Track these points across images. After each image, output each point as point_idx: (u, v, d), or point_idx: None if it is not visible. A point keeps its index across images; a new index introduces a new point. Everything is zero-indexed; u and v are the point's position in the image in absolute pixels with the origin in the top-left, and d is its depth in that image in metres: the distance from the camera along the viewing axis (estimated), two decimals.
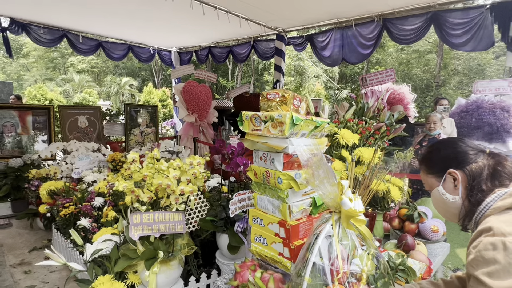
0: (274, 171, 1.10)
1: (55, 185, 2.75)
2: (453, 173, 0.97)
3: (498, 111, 4.05)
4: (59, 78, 20.34)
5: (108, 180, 2.79)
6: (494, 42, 4.46)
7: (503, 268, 0.73)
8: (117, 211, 2.33)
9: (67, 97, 17.61)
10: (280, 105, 1.06)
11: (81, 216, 2.31)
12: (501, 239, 0.76)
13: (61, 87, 18.70)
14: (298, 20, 5.88)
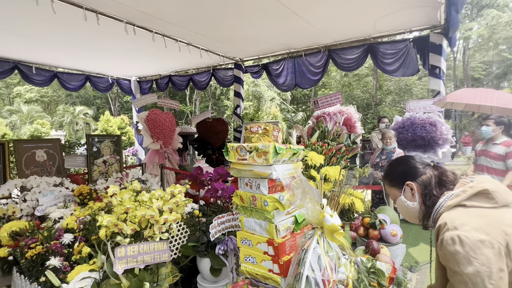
0: (260, 195, 1.18)
1: (17, 225, 2.50)
2: (410, 184, 1.16)
3: (428, 126, 4.60)
4: (4, 110, 18.47)
5: (76, 215, 2.62)
6: (418, 69, 5.14)
7: (463, 257, 0.90)
8: (90, 246, 2.20)
9: (14, 129, 16.00)
10: (263, 136, 1.16)
11: (50, 256, 2.13)
12: (456, 234, 0.92)
13: (7, 119, 16.97)
14: (254, 51, 6.19)
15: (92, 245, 2.23)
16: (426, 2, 3.70)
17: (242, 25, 4.58)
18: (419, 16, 4.27)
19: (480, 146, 3.41)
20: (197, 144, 6.54)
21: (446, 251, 0.94)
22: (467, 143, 13.19)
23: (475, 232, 0.91)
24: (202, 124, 6.38)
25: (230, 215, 1.93)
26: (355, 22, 4.57)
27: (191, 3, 3.76)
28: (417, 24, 4.63)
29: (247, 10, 4.03)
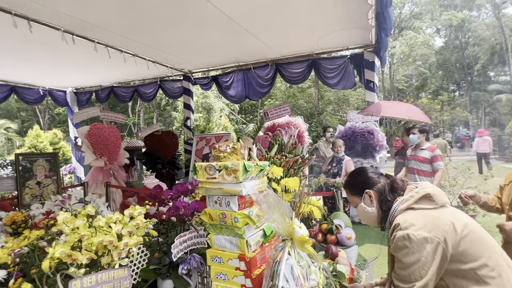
0: (231, 212, 1.21)
1: None
2: (368, 192, 1.32)
3: (366, 134, 5.11)
4: None
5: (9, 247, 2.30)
6: (355, 83, 5.69)
7: (409, 250, 1.09)
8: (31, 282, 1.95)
9: None
10: (231, 155, 1.20)
11: None
12: (406, 232, 1.10)
13: None
14: (203, 63, 6.20)
15: (32, 280, 1.99)
16: (360, 24, 4.16)
17: (192, 38, 4.58)
18: (354, 36, 4.76)
19: (410, 151, 3.91)
20: (146, 159, 6.23)
21: (397, 245, 1.13)
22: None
23: (421, 231, 1.09)
24: (151, 138, 6.12)
25: (192, 232, 1.90)
26: (301, 39, 4.90)
27: (138, 15, 3.65)
28: (353, 43, 5.14)
29: (196, 24, 4.05)
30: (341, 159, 4.27)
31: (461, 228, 1.10)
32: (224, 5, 3.47)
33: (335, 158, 4.30)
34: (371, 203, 1.31)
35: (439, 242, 1.07)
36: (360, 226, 4.48)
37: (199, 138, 6.73)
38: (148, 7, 3.44)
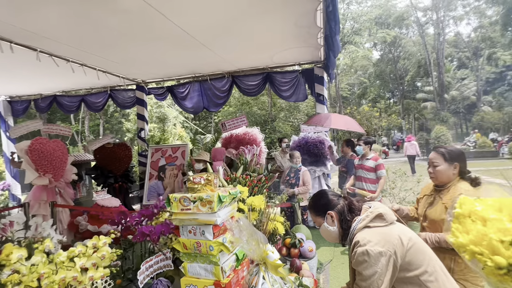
0: (205, 241, 1.24)
1: None
2: (330, 213, 1.46)
3: (318, 144, 5.44)
4: None
5: None
6: (307, 96, 6.03)
7: (368, 264, 1.24)
8: None
9: None
10: (206, 185, 1.24)
11: None
12: (365, 248, 1.25)
13: None
14: (158, 73, 6.03)
15: None
16: (310, 44, 4.46)
17: (146, 50, 4.45)
18: (305, 53, 5.07)
19: (357, 161, 4.28)
20: (96, 173, 5.82)
21: (358, 260, 1.28)
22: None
23: (376, 246, 1.25)
24: (101, 151, 5.75)
25: (159, 256, 1.87)
26: (256, 55, 5.07)
27: (89, 26, 3.45)
28: (304, 59, 5.47)
29: (152, 37, 3.95)
30: (298, 169, 4.49)
31: (407, 242, 1.29)
32: (181, 20, 3.46)
33: (292, 169, 4.50)
34: (333, 223, 1.46)
35: (391, 255, 1.24)
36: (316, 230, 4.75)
37: (154, 150, 6.50)
38: (100, 19, 3.28)
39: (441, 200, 1.93)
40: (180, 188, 6.21)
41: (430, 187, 2.12)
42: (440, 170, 1.91)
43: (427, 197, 2.09)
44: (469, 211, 0.75)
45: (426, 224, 2.03)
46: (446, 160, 1.90)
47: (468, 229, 0.71)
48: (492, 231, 0.65)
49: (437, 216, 1.92)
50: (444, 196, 1.92)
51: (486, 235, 0.63)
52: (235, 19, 3.57)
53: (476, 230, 0.67)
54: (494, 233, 0.64)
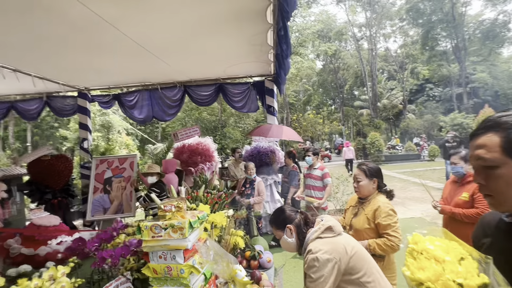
0: (176, 265, 1.31)
1: None
2: (289, 227, 1.64)
3: (269, 153, 5.71)
4: None
5: None
6: (258, 107, 6.29)
7: (317, 269, 1.43)
8: None
9: None
10: (176, 212, 1.31)
11: None
12: (316, 255, 1.45)
13: None
14: (103, 81, 5.70)
15: None
16: (261, 59, 4.71)
17: (93, 59, 4.22)
18: (257, 67, 5.32)
19: (306, 170, 4.62)
20: (30, 189, 5.26)
21: (309, 265, 1.48)
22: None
23: (325, 254, 1.46)
24: (36, 164, 5.24)
25: (118, 279, 1.85)
26: (209, 67, 5.16)
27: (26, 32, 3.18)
28: (255, 72, 5.72)
29: (99, 46, 3.76)
30: (253, 180, 4.65)
31: (350, 250, 1.52)
32: (134, 33, 3.39)
33: (248, 180, 4.66)
34: (291, 235, 1.65)
35: (336, 262, 1.46)
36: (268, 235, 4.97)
37: (99, 161, 6.10)
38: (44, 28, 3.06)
39: (364, 211, 2.24)
40: (129, 201, 5.93)
41: (355, 198, 2.43)
42: (362, 185, 2.24)
43: (352, 208, 2.40)
44: (422, 249, 0.84)
45: (351, 233, 2.32)
46: (367, 176, 2.23)
47: (423, 266, 0.78)
48: (447, 271, 0.74)
49: (360, 226, 2.22)
50: (366, 207, 2.24)
51: (442, 275, 0.73)
52: (192, 36, 3.63)
53: (433, 269, 0.75)
54: (449, 274, 0.74)
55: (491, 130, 0.83)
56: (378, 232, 2.15)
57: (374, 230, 2.17)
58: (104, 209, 5.84)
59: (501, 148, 0.80)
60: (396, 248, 2.10)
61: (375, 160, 16.54)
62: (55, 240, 3.15)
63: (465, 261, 0.78)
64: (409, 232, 1.85)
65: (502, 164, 0.80)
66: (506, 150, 0.79)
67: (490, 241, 0.94)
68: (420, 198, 7.89)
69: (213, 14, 3.13)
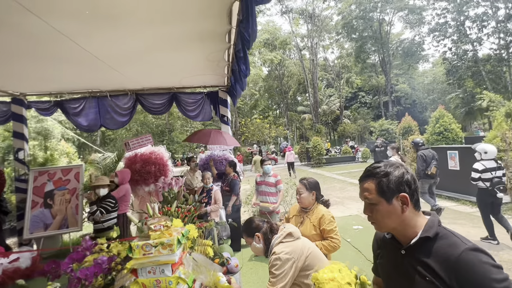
0: (165, 278, 1.46)
1: None
2: (257, 234, 1.93)
3: (224, 161, 5.91)
4: None
5: None
6: (212, 116, 6.45)
7: (279, 266, 1.74)
8: None
9: None
10: (165, 230, 1.47)
11: None
12: (278, 256, 1.76)
13: None
14: (44, 87, 5.27)
15: None
16: (217, 72, 4.92)
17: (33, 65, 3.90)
18: (212, 79, 5.49)
19: (259, 178, 4.94)
20: None
21: (273, 263, 1.78)
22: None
23: (286, 255, 1.78)
24: None
25: None
26: (164, 78, 5.17)
27: None
28: (210, 83, 5.88)
29: (41, 54, 3.47)
30: (210, 189, 4.79)
31: (307, 250, 1.86)
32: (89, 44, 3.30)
33: (205, 189, 4.79)
34: (259, 241, 1.93)
35: (294, 261, 1.79)
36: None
37: (38, 173, 5.61)
38: None
39: (309, 219, 2.60)
40: (74, 215, 5.56)
41: (297, 208, 2.77)
42: (304, 197, 2.60)
43: (296, 217, 2.73)
44: (328, 278, 1.27)
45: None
46: (307, 189, 2.61)
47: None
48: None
49: (308, 232, 2.56)
50: (311, 216, 2.61)
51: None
52: (151, 50, 3.66)
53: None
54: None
55: (370, 177, 1.15)
56: (323, 236, 2.54)
57: (319, 234, 2.55)
58: (46, 224, 5.39)
59: (376, 191, 1.12)
60: (337, 247, 2.51)
61: (317, 163, 17.80)
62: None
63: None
64: (349, 227, 2.30)
65: (378, 202, 1.12)
66: (379, 192, 1.12)
67: (381, 251, 1.29)
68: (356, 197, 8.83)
69: (175, 33, 3.25)
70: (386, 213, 1.11)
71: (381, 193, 1.12)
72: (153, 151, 6.00)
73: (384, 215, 1.12)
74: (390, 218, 1.11)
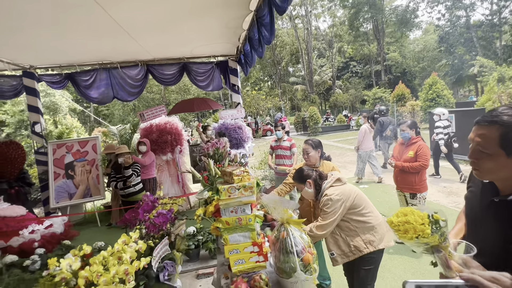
0: (245, 216, 1.68)
1: None
2: (309, 181, 2.16)
3: (237, 129, 6.07)
4: None
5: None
6: (222, 86, 6.49)
7: (330, 205, 2.01)
8: None
9: None
10: (245, 175, 1.67)
11: None
12: (330, 197, 2.02)
13: None
14: (54, 59, 5.17)
15: None
16: (232, 41, 4.93)
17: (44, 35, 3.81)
18: (223, 48, 5.48)
19: (274, 143, 5.15)
20: None
21: (324, 203, 2.05)
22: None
23: (336, 196, 2.04)
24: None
25: (162, 242, 2.15)
26: (177, 47, 5.13)
27: None
28: (220, 52, 5.86)
29: (48, 19, 3.34)
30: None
31: (353, 193, 2.11)
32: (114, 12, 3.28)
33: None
34: (310, 187, 2.17)
35: (343, 201, 2.05)
36: None
37: (56, 146, 5.69)
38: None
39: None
40: (96, 185, 5.74)
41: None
42: (312, 155, 2.81)
43: None
44: (403, 221, 1.18)
45: None
46: (313, 148, 2.83)
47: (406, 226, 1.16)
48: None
49: None
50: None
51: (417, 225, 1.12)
52: (171, 17, 3.65)
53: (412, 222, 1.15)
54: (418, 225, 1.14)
55: (494, 124, 0.96)
56: None
57: None
58: (70, 194, 5.56)
59: (498, 142, 0.95)
60: None
61: (313, 131, 18.13)
62: (26, 229, 3.07)
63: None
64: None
65: (495, 154, 0.97)
66: (501, 144, 0.95)
67: (472, 186, 1.24)
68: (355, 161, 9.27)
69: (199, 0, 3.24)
70: (500, 167, 0.98)
71: (504, 146, 0.95)
72: (168, 121, 6.09)
73: (497, 168, 0.99)
74: (502, 172, 1.00)
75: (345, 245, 2.09)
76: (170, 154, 5.83)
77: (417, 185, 3.29)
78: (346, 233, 2.09)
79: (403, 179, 3.36)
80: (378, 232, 2.09)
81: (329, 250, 2.15)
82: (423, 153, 3.24)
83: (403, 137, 3.51)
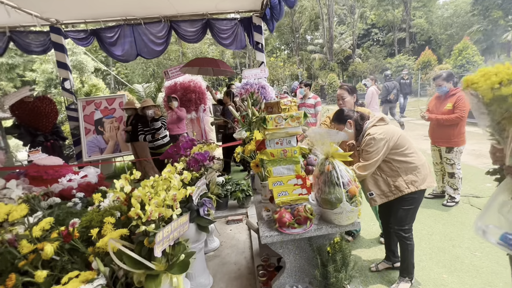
0: (291, 148, 1.64)
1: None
2: (349, 121, 2.08)
3: (260, 89, 5.91)
4: None
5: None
6: (245, 44, 6.25)
7: (373, 145, 1.94)
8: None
9: None
10: (292, 105, 1.60)
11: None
12: (373, 136, 1.94)
13: None
14: (79, 12, 5.06)
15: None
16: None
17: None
18: (247, 2, 5.18)
19: (299, 100, 5.01)
20: (19, 132, 4.90)
21: (367, 142, 1.98)
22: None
23: (379, 135, 1.96)
24: (21, 106, 4.84)
25: (201, 180, 2.17)
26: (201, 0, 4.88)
27: None
28: (244, 7, 5.56)
29: None
30: None
31: (397, 133, 2.02)
32: None
33: None
34: (351, 127, 2.10)
35: (387, 140, 1.97)
36: None
37: (85, 103, 5.78)
38: None
39: None
40: (123, 141, 5.86)
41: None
42: (347, 100, 2.67)
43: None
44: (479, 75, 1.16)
45: None
46: (349, 93, 2.68)
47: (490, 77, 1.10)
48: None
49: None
50: None
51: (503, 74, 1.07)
52: None
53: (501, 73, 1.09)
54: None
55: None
56: None
57: None
58: (101, 149, 5.74)
59: None
60: None
61: (332, 100, 17.65)
62: (64, 178, 3.21)
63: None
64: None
65: None
66: None
67: None
68: None
69: None
70: None
71: None
72: (192, 80, 6.02)
73: None
74: None
75: (385, 185, 2.04)
76: (195, 112, 5.82)
77: (455, 138, 3.14)
78: (388, 174, 2.04)
79: (440, 133, 3.20)
80: (421, 173, 2.02)
81: (367, 191, 2.11)
82: (461, 105, 3.05)
83: (440, 92, 3.29)
